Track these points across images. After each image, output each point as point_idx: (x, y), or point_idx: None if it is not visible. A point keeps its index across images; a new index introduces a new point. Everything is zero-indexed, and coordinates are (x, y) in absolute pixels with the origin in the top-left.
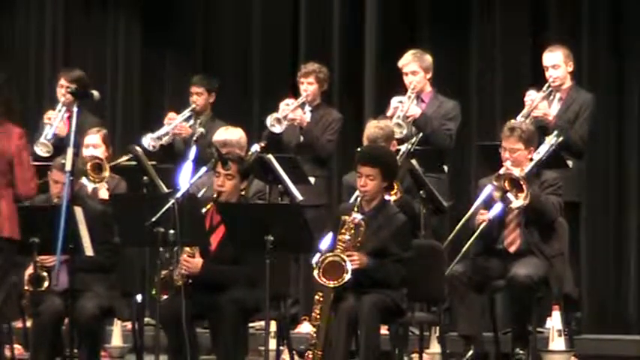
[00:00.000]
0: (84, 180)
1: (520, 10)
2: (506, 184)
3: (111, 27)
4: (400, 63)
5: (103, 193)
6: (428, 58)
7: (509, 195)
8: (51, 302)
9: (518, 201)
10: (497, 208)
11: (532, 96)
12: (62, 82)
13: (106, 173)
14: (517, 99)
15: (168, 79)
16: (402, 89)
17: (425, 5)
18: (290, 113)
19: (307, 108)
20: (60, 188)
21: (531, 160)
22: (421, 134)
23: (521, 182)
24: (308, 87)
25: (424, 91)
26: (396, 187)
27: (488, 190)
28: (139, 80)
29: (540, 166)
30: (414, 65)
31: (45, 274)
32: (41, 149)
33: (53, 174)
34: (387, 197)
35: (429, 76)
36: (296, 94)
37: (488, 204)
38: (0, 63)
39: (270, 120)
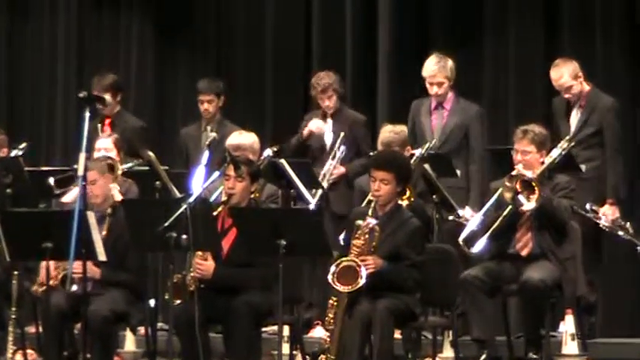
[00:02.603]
0: None
1: (534, 14)
2: (518, 186)
3: (124, 28)
4: (425, 73)
5: (116, 195)
6: (450, 64)
7: (521, 197)
8: (56, 299)
9: (529, 203)
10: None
11: None
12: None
13: (119, 172)
14: (530, 104)
15: (181, 81)
16: (416, 94)
17: (439, 9)
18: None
19: (329, 121)
20: (94, 188)
21: (543, 163)
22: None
23: (534, 184)
24: (330, 101)
25: (446, 99)
26: (408, 192)
27: (498, 192)
28: (152, 81)
29: (552, 170)
30: (441, 76)
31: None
32: None
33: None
34: (399, 202)
35: (452, 83)
36: (307, 96)
37: (499, 206)
38: (13, 64)
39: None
